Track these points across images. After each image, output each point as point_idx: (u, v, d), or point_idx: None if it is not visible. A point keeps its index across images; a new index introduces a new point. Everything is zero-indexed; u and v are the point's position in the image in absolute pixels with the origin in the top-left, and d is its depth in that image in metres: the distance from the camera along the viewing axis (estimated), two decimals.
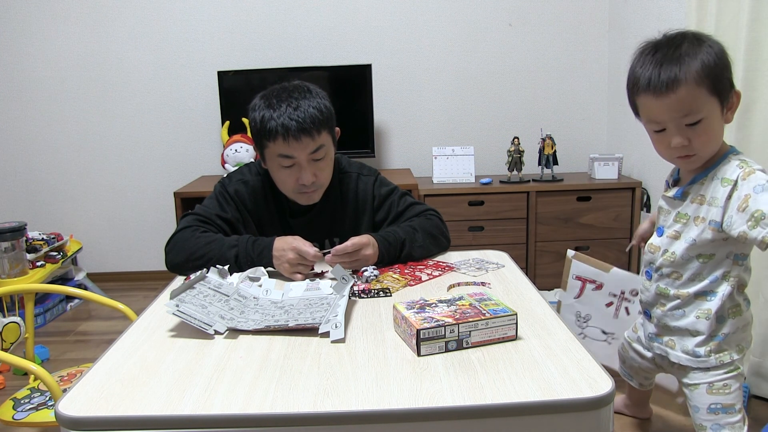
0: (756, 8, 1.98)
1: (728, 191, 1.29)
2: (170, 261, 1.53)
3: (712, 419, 1.44)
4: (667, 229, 1.44)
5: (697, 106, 1.29)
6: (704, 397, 1.44)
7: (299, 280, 1.42)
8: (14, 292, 1.87)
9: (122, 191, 3.64)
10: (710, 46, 1.29)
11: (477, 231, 3.17)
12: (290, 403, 0.90)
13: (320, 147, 1.51)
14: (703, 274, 1.40)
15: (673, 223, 1.42)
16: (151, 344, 1.13)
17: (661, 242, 1.45)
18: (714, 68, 1.27)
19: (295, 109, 1.47)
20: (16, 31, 3.45)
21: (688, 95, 1.28)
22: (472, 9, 3.46)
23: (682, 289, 1.42)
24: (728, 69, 1.31)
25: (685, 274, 1.41)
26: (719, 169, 1.33)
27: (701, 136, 1.31)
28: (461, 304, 1.13)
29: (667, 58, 1.29)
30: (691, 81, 1.27)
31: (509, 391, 0.91)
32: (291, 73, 3.30)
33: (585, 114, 3.58)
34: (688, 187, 1.39)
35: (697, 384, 1.45)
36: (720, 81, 1.29)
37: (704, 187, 1.35)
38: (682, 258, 1.40)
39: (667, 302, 1.47)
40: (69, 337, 2.92)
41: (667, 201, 1.45)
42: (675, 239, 1.42)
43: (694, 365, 1.45)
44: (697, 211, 1.36)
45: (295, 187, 1.55)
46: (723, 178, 1.32)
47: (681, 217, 1.40)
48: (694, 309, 1.42)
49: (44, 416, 1.51)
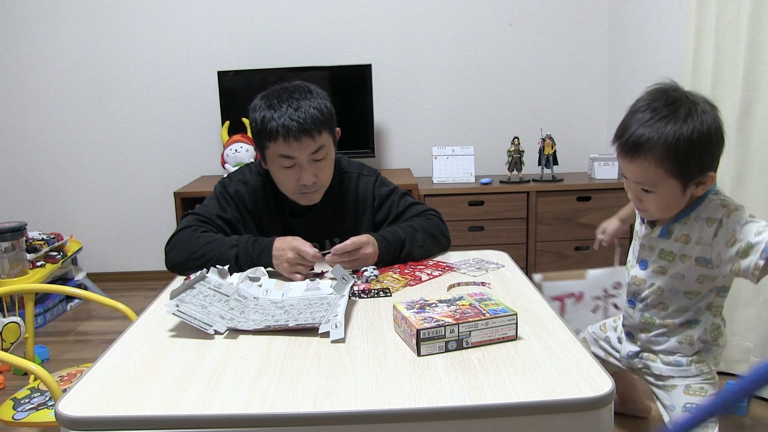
0: (756, 8, 1.98)
1: (714, 230, 1.32)
2: (170, 261, 1.53)
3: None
4: (651, 264, 1.47)
5: (650, 181, 1.31)
6: (680, 397, 1.48)
7: (299, 280, 1.42)
8: (14, 292, 1.87)
9: (122, 191, 3.64)
10: (700, 121, 1.26)
11: (477, 231, 3.17)
12: (290, 403, 0.90)
13: (321, 147, 1.51)
14: (688, 306, 1.44)
15: (657, 258, 1.45)
16: (151, 344, 1.13)
17: (646, 275, 1.48)
18: (685, 150, 1.26)
19: (296, 110, 1.47)
20: (16, 31, 3.45)
21: (642, 169, 1.30)
22: (472, 9, 3.46)
23: (668, 319, 1.47)
24: (708, 151, 1.28)
25: (671, 307, 1.46)
26: (701, 209, 1.36)
27: (653, 204, 1.35)
28: (461, 304, 1.13)
29: (645, 121, 1.29)
30: (651, 158, 1.28)
31: (509, 391, 0.91)
32: (291, 73, 3.30)
33: (585, 114, 3.58)
34: (671, 225, 1.40)
35: (674, 385, 1.49)
36: (686, 165, 1.28)
37: (688, 226, 1.38)
38: (669, 292, 1.44)
39: (652, 329, 1.51)
40: (69, 337, 2.92)
41: (649, 240, 1.46)
42: (661, 274, 1.45)
43: (675, 374, 1.49)
44: (683, 249, 1.39)
45: (295, 188, 1.55)
46: (708, 218, 1.34)
47: (666, 254, 1.43)
48: (677, 335, 1.47)
49: (44, 416, 1.51)
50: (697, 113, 1.27)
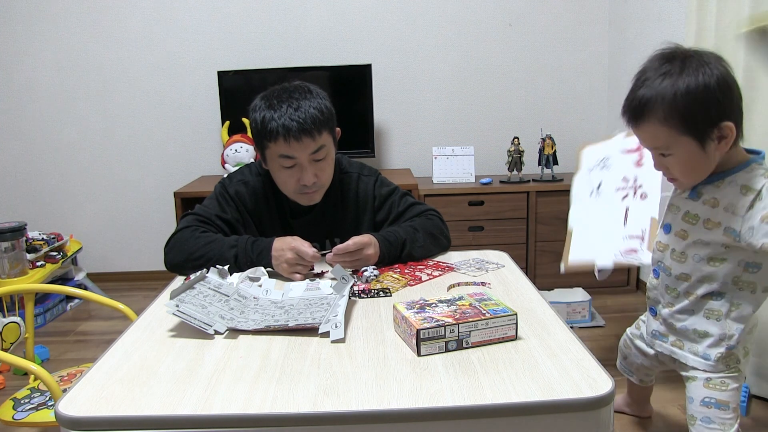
0: (756, 8, 1.98)
1: (750, 200, 1.24)
2: (169, 261, 1.53)
3: (703, 412, 1.44)
4: (674, 227, 1.41)
5: (662, 143, 1.26)
6: (700, 390, 1.44)
7: (298, 280, 1.42)
8: (14, 292, 1.87)
9: (122, 191, 3.64)
10: (700, 72, 1.20)
11: (477, 231, 3.17)
12: (290, 403, 0.90)
13: (321, 147, 1.51)
14: (713, 276, 1.37)
15: (681, 221, 1.39)
16: (151, 344, 1.13)
17: (669, 240, 1.43)
18: (687, 103, 1.20)
19: (296, 110, 1.47)
20: (16, 31, 3.45)
21: (650, 132, 1.25)
22: (472, 9, 3.46)
23: (692, 290, 1.40)
24: (714, 101, 1.20)
25: (694, 276, 1.39)
26: (739, 176, 1.28)
27: (675, 168, 1.29)
28: (461, 304, 1.13)
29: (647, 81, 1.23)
30: (655, 119, 1.22)
31: (509, 391, 0.91)
32: (291, 73, 3.30)
33: (585, 114, 3.58)
34: (702, 186, 1.33)
35: (695, 377, 1.45)
36: (693, 119, 1.21)
37: (720, 190, 1.30)
38: (692, 259, 1.38)
39: (675, 302, 1.44)
40: (69, 337, 2.92)
41: (679, 199, 1.40)
42: (682, 239, 1.39)
43: (701, 367, 1.43)
44: (708, 213, 1.32)
45: (296, 188, 1.55)
46: (744, 185, 1.26)
47: (690, 216, 1.36)
48: (702, 310, 1.40)
49: (44, 416, 1.51)
50: (693, 66, 1.21)
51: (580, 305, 2.78)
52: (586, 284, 3.03)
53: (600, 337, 2.66)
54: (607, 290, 3.14)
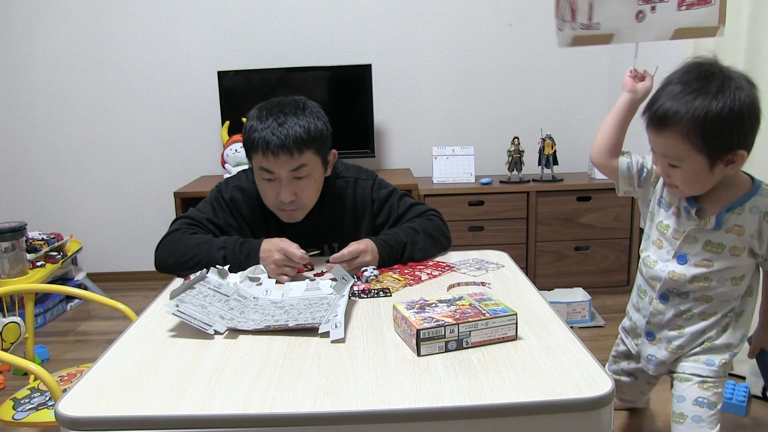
0: (756, 8, 1.98)
1: None
2: (160, 263, 1.53)
3: (695, 411, 1.45)
4: (693, 257, 1.39)
5: (676, 155, 1.28)
6: (694, 390, 1.45)
7: (286, 282, 1.42)
8: (14, 292, 1.86)
9: (122, 191, 3.64)
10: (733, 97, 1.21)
11: (477, 231, 3.17)
12: (290, 403, 0.90)
13: (302, 166, 1.49)
14: (733, 294, 1.40)
15: (702, 251, 1.37)
16: (151, 344, 1.13)
17: (687, 271, 1.40)
18: (713, 126, 1.21)
19: (280, 125, 1.46)
20: (16, 31, 3.45)
21: (668, 143, 1.27)
22: (472, 9, 3.46)
23: (711, 310, 1.42)
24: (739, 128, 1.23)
25: (716, 298, 1.41)
26: (758, 201, 1.32)
27: (679, 179, 1.32)
28: (461, 304, 1.13)
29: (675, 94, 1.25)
30: (678, 133, 1.25)
31: (509, 391, 0.91)
32: (291, 73, 3.30)
33: (585, 114, 3.58)
34: (724, 215, 1.34)
35: (690, 378, 1.46)
36: (714, 142, 1.23)
37: (741, 218, 1.33)
38: (717, 282, 1.39)
39: (686, 325, 1.45)
40: (69, 337, 2.92)
41: (697, 231, 1.37)
42: (706, 267, 1.38)
43: (704, 373, 1.44)
44: (735, 241, 1.34)
45: (275, 203, 1.55)
46: (765, 212, 1.32)
47: (713, 246, 1.36)
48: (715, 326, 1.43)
49: (44, 416, 1.51)
50: (730, 89, 1.22)
51: (580, 305, 2.78)
52: (587, 284, 3.04)
53: (600, 337, 2.66)
54: (607, 290, 3.15)
